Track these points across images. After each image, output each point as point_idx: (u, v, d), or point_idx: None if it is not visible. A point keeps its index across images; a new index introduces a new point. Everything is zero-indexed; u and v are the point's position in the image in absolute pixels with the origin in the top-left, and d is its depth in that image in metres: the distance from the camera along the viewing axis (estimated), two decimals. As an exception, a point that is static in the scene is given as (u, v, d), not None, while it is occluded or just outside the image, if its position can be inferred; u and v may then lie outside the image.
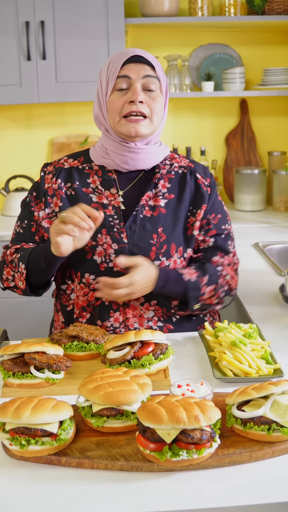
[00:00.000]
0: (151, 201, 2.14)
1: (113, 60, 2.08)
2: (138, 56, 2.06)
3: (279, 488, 1.31)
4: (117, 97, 2.06)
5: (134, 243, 2.10)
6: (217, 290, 2.15)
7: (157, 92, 2.08)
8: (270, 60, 4.34)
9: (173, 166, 2.20)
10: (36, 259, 2.05)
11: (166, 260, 2.11)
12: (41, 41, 3.80)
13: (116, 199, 2.14)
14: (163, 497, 1.29)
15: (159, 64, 2.11)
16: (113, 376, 1.55)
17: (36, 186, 2.22)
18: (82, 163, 2.20)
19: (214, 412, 1.39)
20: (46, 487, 1.33)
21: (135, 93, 2.04)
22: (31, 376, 1.73)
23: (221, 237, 2.21)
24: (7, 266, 2.17)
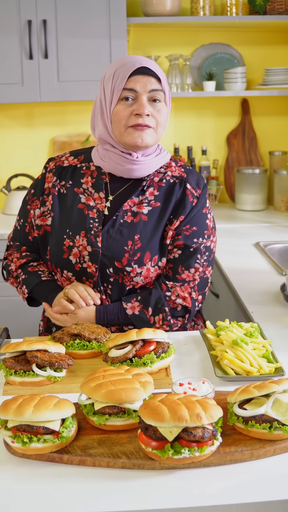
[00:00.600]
0: (135, 207, 2.14)
1: (118, 69, 2.05)
2: (144, 68, 2.04)
3: (280, 486, 1.31)
4: (123, 108, 2.04)
5: (107, 248, 2.11)
6: (166, 317, 2.12)
7: (162, 104, 2.08)
8: (271, 60, 4.34)
9: (165, 175, 2.18)
10: (38, 294, 2.24)
11: (138, 268, 2.10)
12: (43, 40, 3.80)
13: (102, 203, 2.15)
14: (165, 495, 1.29)
15: (163, 75, 2.09)
16: (115, 374, 1.55)
17: (36, 183, 2.26)
18: (81, 162, 2.22)
19: (216, 410, 1.39)
20: (48, 484, 1.33)
21: (142, 107, 2.02)
22: (33, 374, 1.73)
23: (189, 250, 2.14)
24: (12, 276, 2.32)
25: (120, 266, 2.10)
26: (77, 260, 2.13)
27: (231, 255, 3.16)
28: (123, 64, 2.05)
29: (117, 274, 2.12)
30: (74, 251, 2.13)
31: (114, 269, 2.11)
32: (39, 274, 2.24)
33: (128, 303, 2.12)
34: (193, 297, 2.16)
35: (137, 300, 2.12)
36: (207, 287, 2.20)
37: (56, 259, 2.17)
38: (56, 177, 2.20)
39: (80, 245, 2.12)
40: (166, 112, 2.10)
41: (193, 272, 2.15)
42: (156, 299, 2.11)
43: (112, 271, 2.12)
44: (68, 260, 2.14)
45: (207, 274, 2.19)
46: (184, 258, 2.15)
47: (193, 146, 4.43)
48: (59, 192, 2.19)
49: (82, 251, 2.12)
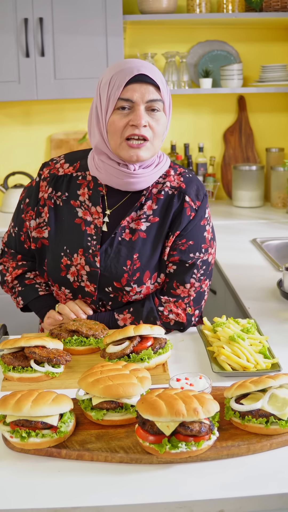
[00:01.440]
0: (133, 223, 2.06)
1: (115, 76, 1.94)
2: (142, 75, 1.94)
3: (276, 480, 1.32)
4: (119, 117, 1.95)
5: (106, 268, 2.05)
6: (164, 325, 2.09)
7: (160, 113, 1.98)
8: (268, 56, 4.35)
9: (164, 185, 2.08)
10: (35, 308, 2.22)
11: (137, 287, 2.06)
12: (39, 38, 3.80)
13: (99, 218, 2.07)
14: (162, 489, 1.30)
15: (163, 82, 2.00)
16: (112, 370, 1.56)
17: (30, 191, 2.18)
18: (77, 170, 2.13)
19: (213, 404, 1.40)
20: (46, 479, 1.34)
21: (139, 118, 1.93)
22: (31, 370, 1.74)
23: (184, 265, 2.06)
24: (7, 286, 2.28)
25: (119, 286, 2.05)
26: (75, 278, 2.08)
27: (228, 252, 3.17)
28: (120, 70, 1.95)
29: (116, 292, 2.07)
30: (72, 270, 2.08)
31: (113, 288, 2.06)
32: (36, 288, 2.20)
33: (120, 315, 2.08)
34: (189, 313, 2.09)
35: (129, 311, 2.07)
36: (203, 300, 2.13)
37: (53, 276, 2.11)
38: (51, 188, 2.12)
39: (78, 263, 2.06)
40: (165, 121, 2.01)
41: (188, 287, 2.07)
42: (147, 312, 2.06)
43: (111, 290, 2.07)
44: (66, 278, 2.09)
45: (203, 288, 2.11)
46: (180, 273, 2.07)
47: (190, 143, 4.44)
48: (55, 204, 2.11)
49: (80, 270, 2.07)
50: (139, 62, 1.98)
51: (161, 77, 2.00)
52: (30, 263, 2.23)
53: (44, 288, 2.21)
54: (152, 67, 1.99)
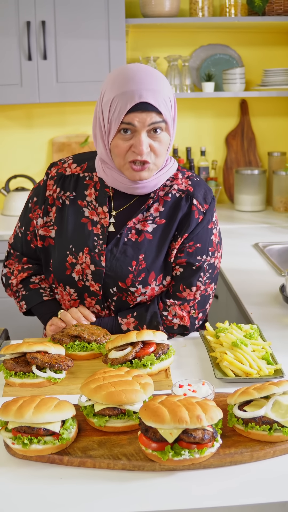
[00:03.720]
0: (139, 224, 2.07)
1: (116, 99, 1.89)
2: (144, 104, 1.88)
3: (280, 487, 1.32)
4: (121, 142, 1.94)
5: (111, 268, 2.05)
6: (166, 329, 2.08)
7: (162, 134, 1.95)
8: (270, 60, 4.35)
9: (171, 188, 2.08)
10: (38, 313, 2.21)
11: (142, 288, 2.05)
12: (42, 41, 3.81)
13: (106, 218, 2.07)
14: (165, 496, 1.30)
15: (166, 99, 1.93)
16: (115, 376, 1.55)
17: (37, 190, 2.18)
18: (84, 171, 2.13)
19: (216, 412, 1.39)
20: (48, 486, 1.34)
21: (140, 145, 1.91)
22: (33, 375, 1.73)
23: (191, 268, 2.06)
24: (11, 290, 2.27)
25: (124, 287, 2.05)
26: (80, 277, 2.08)
27: (230, 256, 3.16)
28: (122, 93, 1.88)
29: (121, 293, 2.07)
30: (77, 268, 2.08)
31: (118, 289, 2.06)
32: (41, 293, 2.19)
33: (123, 319, 2.08)
34: (192, 316, 2.08)
35: (133, 316, 2.07)
36: (208, 304, 2.13)
37: (58, 275, 2.11)
38: (59, 188, 2.12)
39: (83, 262, 2.07)
40: (168, 139, 1.98)
41: (194, 290, 2.07)
42: (151, 316, 2.06)
43: (116, 290, 2.06)
44: (71, 277, 2.09)
45: (208, 291, 2.11)
46: (186, 276, 2.07)
47: (192, 147, 4.44)
48: (63, 204, 2.12)
49: (85, 269, 2.07)
50: (141, 83, 1.89)
51: (165, 97, 1.92)
52: (36, 266, 2.23)
53: (49, 293, 2.20)
54: (155, 86, 1.91)
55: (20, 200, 4.19)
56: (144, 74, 1.91)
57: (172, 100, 1.97)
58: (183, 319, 2.07)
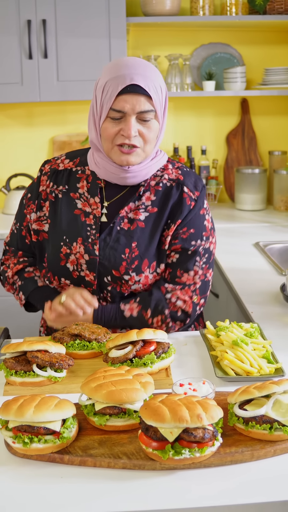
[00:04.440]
0: (131, 213, 2.11)
1: (109, 82, 1.96)
2: (134, 86, 1.95)
3: (280, 486, 1.32)
4: (111, 125, 2.00)
5: (105, 256, 2.08)
6: (165, 319, 2.08)
7: (152, 121, 2.01)
8: (271, 59, 4.35)
9: (162, 178, 2.13)
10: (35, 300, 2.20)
11: (136, 276, 2.08)
12: (42, 40, 3.80)
13: (98, 208, 2.12)
14: (166, 495, 1.30)
15: (157, 86, 1.99)
16: (115, 375, 1.55)
17: (31, 187, 2.23)
18: (76, 165, 2.19)
19: (217, 411, 1.39)
20: (48, 485, 1.34)
21: (129, 128, 1.97)
22: (33, 374, 1.73)
23: (186, 253, 2.09)
24: (8, 283, 2.28)
25: (118, 275, 2.08)
26: (75, 267, 2.11)
27: (231, 255, 3.16)
28: (115, 77, 1.96)
29: (115, 282, 2.09)
30: (71, 258, 2.10)
31: (112, 278, 2.09)
32: (35, 280, 2.21)
33: (126, 305, 2.09)
34: (194, 301, 2.10)
35: (136, 301, 2.08)
36: (208, 291, 2.16)
37: (53, 267, 2.13)
38: (52, 182, 2.18)
39: (77, 252, 2.10)
40: (157, 128, 2.04)
41: (192, 275, 2.09)
42: (156, 301, 2.06)
43: (110, 280, 2.09)
44: (65, 267, 2.12)
45: (208, 277, 2.14)
46: (183, 261, 2.09)
47: (192, 146, 4.43)
48: (56, 198, 2.16)
49: (79, 259, 2.09)
50: (134, 68, 1.97)
51: (155, 83, 1.99)
52: (31, 259, 2.27)
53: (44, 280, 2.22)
54: (148, 72, 1.98)
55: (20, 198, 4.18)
56: (137, 63, 2.00)
57: (164, 90, 2.03)
58: (186, 303, 2.09)
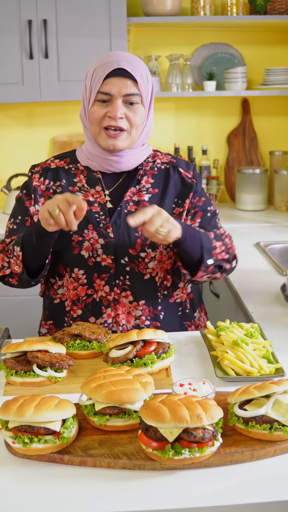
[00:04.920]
0: (135, 196, 2.18)
1: (97, 69, 2.07)
2: (121, 70, 2.05)
3: (280, 486, 1.32)
4: (98, 108, 2.08)
5: (119, 238, 2.13)
6: (226, 245, 2.18)
7: (138, 106, 2.10)
8: (272, 59, 4.34)
9: (155, 163, 2.24)
10: (29, 238, 2.06)
11: (152, 252, 2.14)
12: (43, 40, 3.80)
13: (101, 196, 2.18)
14: (166, 496, 1.30)
15: (144, 74, 2.09)
16: (115, 375, 1.55)
17: (25, 185, 2.25)
18: (68, 164, 2.24)
19: (216, 411, 1.39)
20: (48, 485, 1.33)
21: (115, 110, 2.05)
22: (33, 374, 1.73)
23: (207, 215, 2.24)
24: (1, 253, 2.17)
25: (135, 253, 2.13)
26: (90, 253, 2.13)
27: (232, 255, 3.15)
28: (102, 64, 2.07)
29: (133, 262, 2.13)
30: (85, 245, 2.13)
31: (129, 258, 2.13)
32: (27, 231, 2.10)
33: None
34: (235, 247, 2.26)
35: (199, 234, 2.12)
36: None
37: (66, 257, 2.15)
38: (48, 179, 2.21)
39: (91, 238, 2.13)
40: (143, 113, 2.12)
41: (222, 231, 2.24)
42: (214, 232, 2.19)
43: (128, 260, 2.13)
44: (80, 255, 2.13)
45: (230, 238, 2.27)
46: (208, 220, 2.23)
47: (193, 146, 4.43)
48: (55, 193, 2.18)
49: (94, 244, 2.12)
50: (121, 56, 2.09)
51: (141, 71, 2.09)
52: None
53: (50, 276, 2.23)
54: (134, 61, 2.09)
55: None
56: (124, 53, 2.13)
57: (150, 81, 2.15)
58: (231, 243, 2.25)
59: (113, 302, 2.15)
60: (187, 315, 2.27)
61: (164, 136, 4.38)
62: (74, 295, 2.17)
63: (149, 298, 2.18)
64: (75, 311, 2.18)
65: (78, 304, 2.17)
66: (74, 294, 2.17)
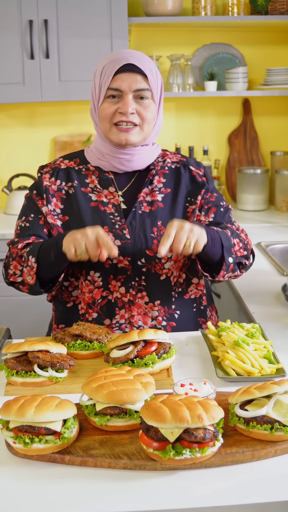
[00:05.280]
0: (148, 197, 2.18)
1: (106, 66, 2.07)
2: (131, 65, 2.05)
3: (281, 487, 1.32)
4: (108, 105, 2.08)
5: (136, 239, 2.12)
6: (243, 241, 2.18)
7: (149, 101, 2.10)
8: (273, 60, 4.34)
9: (166, 162, 2.24)
10: (46, 252, 2.01)
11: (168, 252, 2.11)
12: (44, 40, 3.80)
13: (115, 197, 2.17)
14: (166, 496, 1.30)
15: (153, 70, 2.10)
16: (116, 375, 1.55)
17: (35, 185, 2.22)
18: (78, 164, 2.23)
19: (217, 411, 1.39)
20: (49, 485, 1.33)
21: (126, 105, 2.05)
22: (34, 374, 1.73)
23: (220, 210, 2.24)
24: (14, 260, 2.10)
25: (152, 254, 2.12)
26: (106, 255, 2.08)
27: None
28: (111, 61, 2.07)
29: (149, 263, 2.13)
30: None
31: (146, 259, 2.12)
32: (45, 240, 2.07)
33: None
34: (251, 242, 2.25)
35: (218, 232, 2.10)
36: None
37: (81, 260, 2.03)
38: (59, 180, 2.19)
39: None
40: (154, 108, 2.12)
41: (237, 226, 2.24)
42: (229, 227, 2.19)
43: (145, 261, 2.12)
44: None
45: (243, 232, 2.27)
46: (221, 214, 2.23)
47: (194, 146, 4.43)
48: (67, 194, 2.17)
49: None
50: (130, 53, 2.10)
51: (150, 66, 2.09)
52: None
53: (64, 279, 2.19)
54: (142, 57, 2.10)
55: (22, 199, 4.17)
56: (132, 50, 2.15)
57: (159, 77, 2.16)
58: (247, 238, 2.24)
59: (127, 304, 2.14)
60: (201, 312, 2.26)
61: (165, 136, 4.38)
62: (90, 298, 2.15)
63: (164, 298, 2.17)
64: (90, 314, 2.16)
65: (93, 307, 2.15)
66: (90, 297, 2.15)
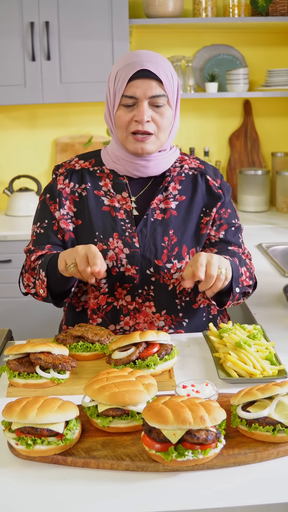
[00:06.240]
0: (162, 204, 2.12)
1: (120, 71, 2.00)
2: (145, 71, 1.97)
3: (283, 488, 1.32)
4: (124, 113, 2.02)
5: (145, 248, 2.08)
6: (249, 270, 2.13)
7: (165, 107, 2.03)
8: (274, 61, 4.35)
9: (183, 168, 2.17)
10: (53, 268, 2.00)
11: (178, 263, 2.08)
12: (45, 42, 3.81)
13: (127, 203, 2.12)
14: (169, 497, 1.30)
15: (168, 73, 2.02)
16: (118, 377, 1.55)
17: (49, 187, 2.18)
18: (93, 166, 2.17)
19: (220, 412, 1.39)
20: (51, 486, 1.34)
21: (141, 113, 1.99)
22: (36, 376, 1.73)
23: (231, 228, 2.18)
24: (27, 272, 2.12)
25: (161, 264, 2.08)
26: (114, 263, 2.07)
27: (234, 257, 3.15)
28: (125, 65, 1.99)
29: (158, 273, 2.08)
30: (109, 254, 2.06)
31: (155, 268, 2.08)
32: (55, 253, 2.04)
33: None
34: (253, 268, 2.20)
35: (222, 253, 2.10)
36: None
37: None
38: (72, 182, 2.14)
39: (116, 247, 2.07)
40: (171, 114, 2.05)
41: (243, 248, 2.19)
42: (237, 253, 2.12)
43: (153, 271, 2.08)
44: None
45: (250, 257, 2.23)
46: (232, 233, 2.18)
47: (195, 147, 4.43)
48: (80, 197, 2.13)
49: (118, 254, 2.06)
50: (144, 56, 2.01)
51: (166, 70, 2.02)
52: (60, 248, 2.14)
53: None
54: (158, 60, 2.02)
55: (24, 200, 4.19)
56: (148, 52, 2.05)
57: (175, 78, 2.05)
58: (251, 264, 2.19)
59: (133, 311, 2.13)
60: (212, 321, 2.23)
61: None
62: (95, 304, 2.13)
63: (171, 307, 2.13)
64: (95, 320, 2.15)
65: (98, 313, 2.14)
66: (95, 303, 2.13)
